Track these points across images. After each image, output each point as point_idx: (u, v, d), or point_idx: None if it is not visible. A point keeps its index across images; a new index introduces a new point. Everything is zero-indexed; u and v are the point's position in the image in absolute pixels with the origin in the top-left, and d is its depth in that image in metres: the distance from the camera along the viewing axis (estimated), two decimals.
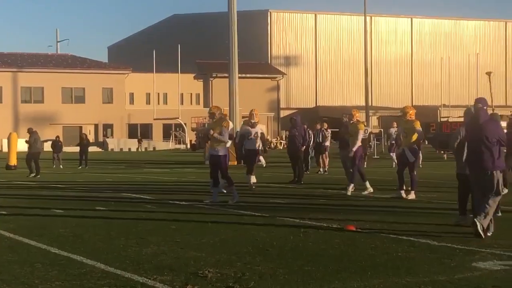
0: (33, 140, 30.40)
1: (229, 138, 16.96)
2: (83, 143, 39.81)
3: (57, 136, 42.63)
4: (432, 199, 16.92)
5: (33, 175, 29.11)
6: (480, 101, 11.36)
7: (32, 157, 29.73)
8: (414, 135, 17.41)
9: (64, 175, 30.60)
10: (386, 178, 18.99)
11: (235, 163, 35.35)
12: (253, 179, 20.62)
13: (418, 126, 17.57)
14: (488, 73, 67.21)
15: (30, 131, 31.17)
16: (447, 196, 17.38)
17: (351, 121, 19.22)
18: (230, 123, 17.46)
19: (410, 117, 17.59)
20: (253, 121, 20.85)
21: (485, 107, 11.34)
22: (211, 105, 18.48)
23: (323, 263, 8.89)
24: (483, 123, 11.12)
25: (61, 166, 37.51)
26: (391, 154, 31.10)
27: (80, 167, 37.31)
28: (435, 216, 13.66)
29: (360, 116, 19.01)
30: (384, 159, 39.16)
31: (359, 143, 18.90)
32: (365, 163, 27.96)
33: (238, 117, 44.43)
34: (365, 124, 18.85)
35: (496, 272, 8.33)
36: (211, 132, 16.39)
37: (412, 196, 17.28)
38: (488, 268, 8.52)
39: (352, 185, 18.61)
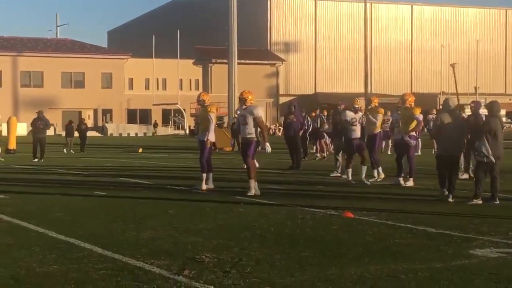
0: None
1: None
2: (82, 128, 39.96)
3: (70, 120, 42.49)
4: (430, 186, 16.91)
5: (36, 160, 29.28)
6: None
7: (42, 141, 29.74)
8: (413, 122, 17.41)
9: (63, 159, 30.61)
10: (384, 165, 18.97)
11: (230, 149, 35.42)
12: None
13: (417, 113, 17.55)
14: (453, 65, 67.19)
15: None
16: None
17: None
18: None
19: (410, 104, 17.57)
20: (356, 106, 18.53)
21: None
22: (202, 92, 18.19)
23: (320, 249, 8.90)
24: None
25: (72, 151, 37.33)
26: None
27: (81, 152, 37.42)
28: (433, 203, 13.67)
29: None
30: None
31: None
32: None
33: (237, 103, 44.42)
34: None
35: (493, 259, 8.33)
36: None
37: (410, 183, 17.30)
38: (485, 255, 8.53)
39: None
